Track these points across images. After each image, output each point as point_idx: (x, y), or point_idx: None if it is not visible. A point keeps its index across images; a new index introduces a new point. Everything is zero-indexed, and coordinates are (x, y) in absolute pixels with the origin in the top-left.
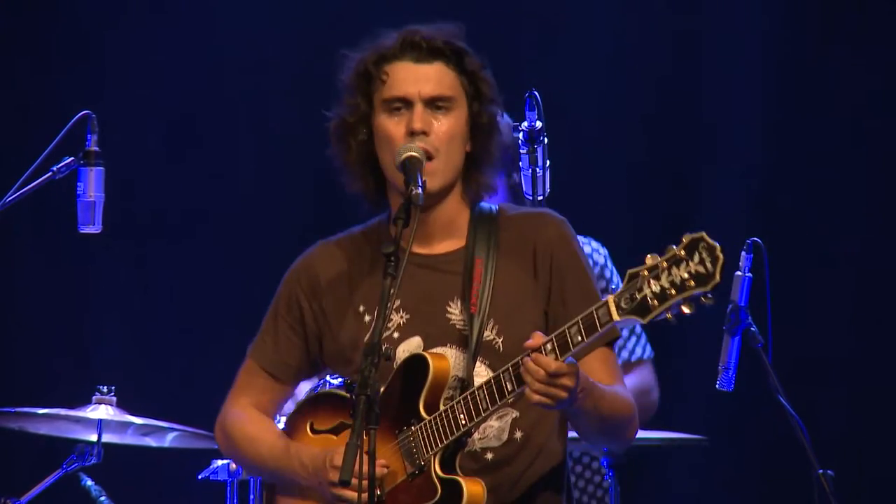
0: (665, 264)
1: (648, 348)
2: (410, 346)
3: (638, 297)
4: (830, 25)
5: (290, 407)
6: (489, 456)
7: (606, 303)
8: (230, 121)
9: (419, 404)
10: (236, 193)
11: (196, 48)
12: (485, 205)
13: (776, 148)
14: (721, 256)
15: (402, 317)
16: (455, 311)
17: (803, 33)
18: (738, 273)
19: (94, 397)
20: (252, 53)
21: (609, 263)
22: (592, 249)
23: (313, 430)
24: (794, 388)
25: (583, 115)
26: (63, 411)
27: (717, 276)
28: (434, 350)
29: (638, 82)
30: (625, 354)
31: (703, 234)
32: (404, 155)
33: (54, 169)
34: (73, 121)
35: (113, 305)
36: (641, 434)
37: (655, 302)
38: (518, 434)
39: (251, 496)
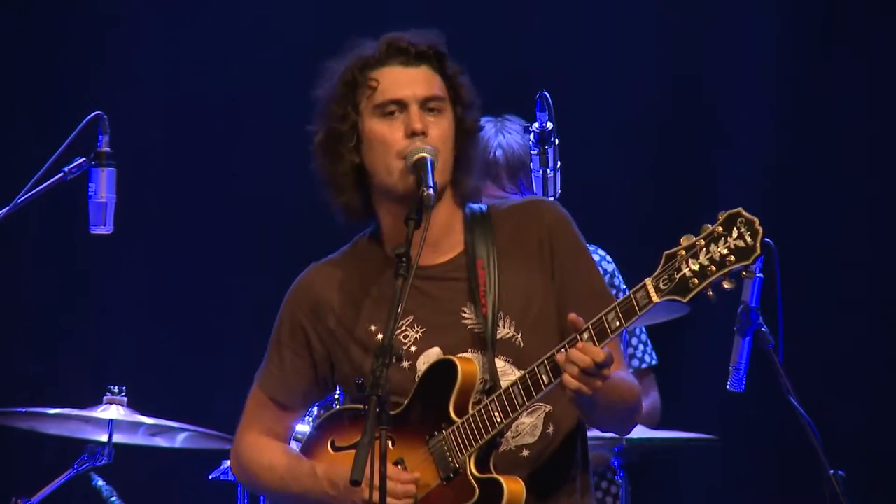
0: (703, 242)
1: (654, 355)
2: (430, 357)
3: (677, 276)
4: (838, 25)
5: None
6: (525, 453)
7: (644, 285)
8: (240, 120)
9: (449, 408)
10: (247, 193)
11: (205, 48)
12: (474, 206)
13: (786, 147)
14: (760, 229)
15: (417, 331)
16: (470, 316)
17: (811, 32)
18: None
19: (104, 397)
20: (261, 52)
21: (618, 273)
22: (601, 257)
23: (334, 448)
24: (804, 389)
25: (590, 118)
26: (74, 411)
27: (758, 249)
28: (467, 357)
29: (647, 84)
30: (635, 362)
31: (741, 209)
32: (417, 155)
33: (66, 169)
34: (84, 121)
35: (124, 306)
36: (653, 434)
37: (696, 280)
38: (551, 428)
39: (261, 496)
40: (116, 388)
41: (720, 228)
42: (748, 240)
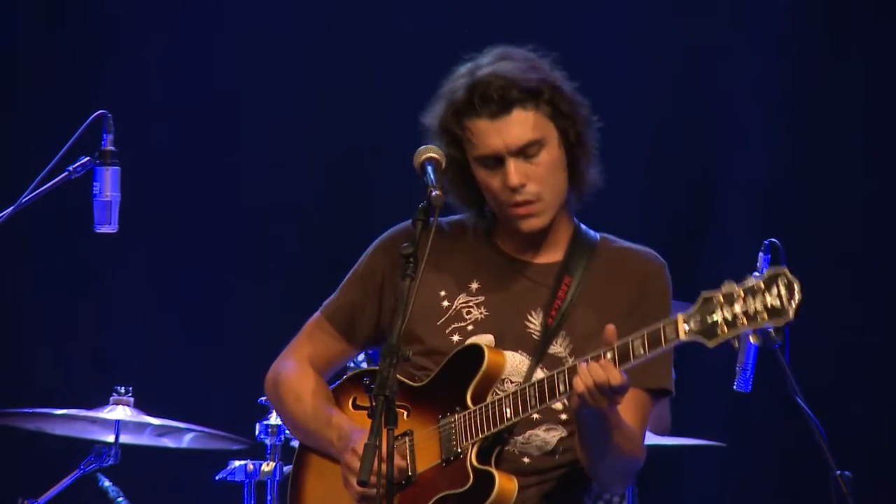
0: (742, 293)
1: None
2: (481, 341)
3: (709, 320)
4: (846, 24)
5: None
6: (525, 460)
7: (675, 320)
8: (244, 119)
9: (467, 394)
10: (252, 192)
11: (209, 47)
12: (590, 231)
13: (791, 145)
14: (799, 295)
15: (481, 312)
16: (534, 322)
17: (819, 32)
18: (756, 273)
19: (111, 398)
20: (265, 52)
21: None
22: None
23: (355, 406)
24: (811, 389)
25: (596, 115)
26: (81, 412)
27: (791, 314)
28: (499, 350)
29: (652, 82)
30: None
31: (786, 269)
32: (423, 156)
33: (70, 168)
34: (88, 120)
35: (130, 306)
36: (660, 440)
37: (725, 328)
38: (561, 451)
39: (268, 497)
40: (123, 388)
41: (762, 283)
42: (785, 302)
